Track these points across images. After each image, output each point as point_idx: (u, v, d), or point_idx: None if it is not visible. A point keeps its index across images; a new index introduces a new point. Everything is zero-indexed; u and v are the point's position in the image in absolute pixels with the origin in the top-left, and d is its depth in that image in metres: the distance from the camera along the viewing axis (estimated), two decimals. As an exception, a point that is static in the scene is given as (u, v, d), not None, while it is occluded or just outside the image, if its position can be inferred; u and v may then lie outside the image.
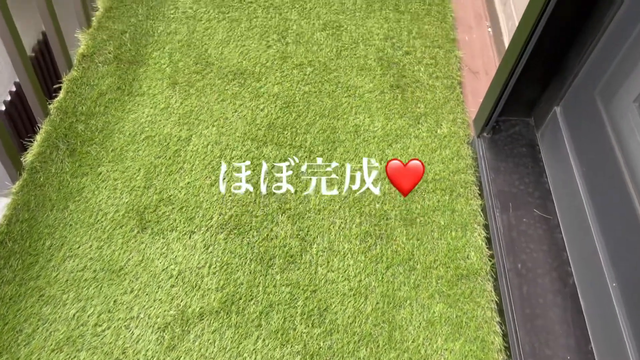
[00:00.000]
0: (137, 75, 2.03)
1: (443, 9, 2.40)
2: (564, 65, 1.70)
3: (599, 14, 1.53)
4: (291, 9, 2.33)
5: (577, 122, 1.66)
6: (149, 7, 2.25)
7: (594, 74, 1.60)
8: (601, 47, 1.57)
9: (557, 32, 1.63)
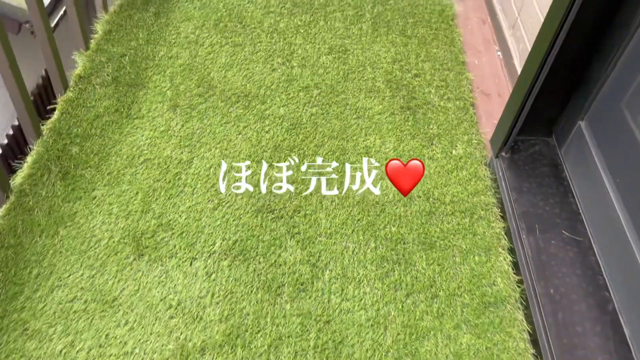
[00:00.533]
0: (136, 97, 1.94)
1: (450, 34, 2.35)
2: (587, 78, 1.61)
3: (624, 21, 1.46)
4: (295, 34, 2.27)
5: (605, 135, 1.56)
6: (150, 32, 2.18)
7: (620, 85, 1.52)
8: (627, 56, 1.49)
9: (579, 42, 1.55)
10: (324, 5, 2.43)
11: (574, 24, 1.49)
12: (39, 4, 1.66)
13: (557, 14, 1.51)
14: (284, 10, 2.38)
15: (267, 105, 1.97)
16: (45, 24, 1.68)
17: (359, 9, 2.42)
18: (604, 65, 1.54)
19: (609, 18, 1.50)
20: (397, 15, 2.41)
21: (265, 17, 2.33)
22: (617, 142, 1.50)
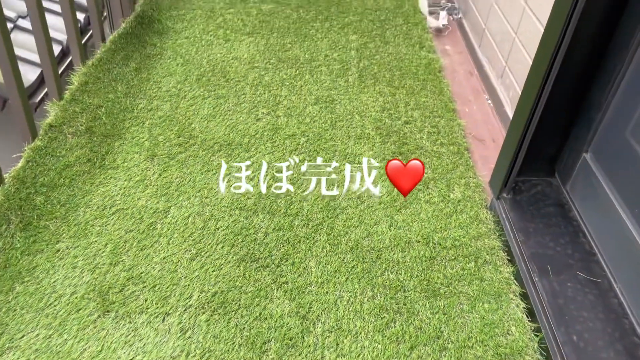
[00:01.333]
0: (111, 148, 1.82)
1: (439, 84, 2.31)
2: (588, 107, 1.53)
3: (621, 44, 1.40)
4: (281, 86, 2.21)
5: (614, 165, 1.45)
6: (130, 86, 2.11)
7: (623, 113, 1.43)
8: (626, 82, 1.41)
9: (575, 71, 1.48)
10: (309, 60, 2.39)
11: (567, 53, 1.44)
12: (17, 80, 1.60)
13: (549, 43, 1.46)
14: (268, 65, 2.34)
15: (251, 153, 1.86)
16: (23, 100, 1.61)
17: (345, 64, 2.39)
18: (603, 92, 1.47)
19: (604, 44, 1.44)
20: (384, 68, 2.38)
21: (249, 72, 2.29)
22: (629, 171, 1.39)
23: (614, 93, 1.43)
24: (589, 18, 1.38)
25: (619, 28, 1.39)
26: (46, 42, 1.78)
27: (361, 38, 2.59)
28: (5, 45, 1.55)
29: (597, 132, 1.51)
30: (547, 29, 1.49)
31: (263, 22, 2.66)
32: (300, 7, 2.82)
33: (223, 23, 2.62)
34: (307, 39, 2.55)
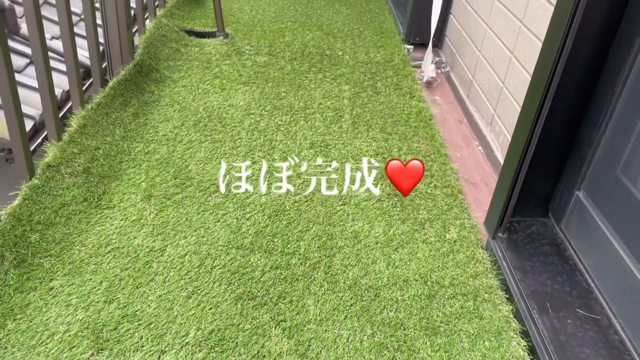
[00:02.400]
0: (107, 188, 1.82)
1: (430, 131, 2.37)
2: (579, 147, 1.58)
3: (608, 84, 1.46)
4: (276, 131, 2.26)
5: (607, 202, 1.48)
6: (127, 130, 2.13)
7: (613, 151, 1.48)
8: (615, 120, 1.47)
9: (565, 110, 1.54)
10: (303, 108, 2.45)
11: (556, 95, 1.50)
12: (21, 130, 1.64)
13: (538, 87, 1.52)
14: (264, 112, 2.39)
15: (248, 194, 1.87)
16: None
17: (338, 111, 2.45)
18: (593, 131, 1.52)
19: (592, 84, 1.51)
20: (376, 116, 2.44)
21: (245, 118, 2.33)
22: (623, 207, 1.42)
23: (603, 131, 1.48)
24: (575, 62, 1.45)
25: (605, 69, 1.46)
26: (49, 84, 1.81)
27: (353, 88, 2.67)
28: (11, 91, 1.59)
29: (589, 170, 1.55)
30: (534, 76, 1.56)
31: (258, 72, 2.74)
32: (294, 59, 2.91)
33: (219, 73, 2.69)
34: (301, 88, 2.62)
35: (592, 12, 1.37)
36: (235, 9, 3.56)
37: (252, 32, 3.20)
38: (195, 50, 2.87)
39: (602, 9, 1.38)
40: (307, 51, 3.01)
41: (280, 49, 3.00)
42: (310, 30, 3.33)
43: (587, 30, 1.39)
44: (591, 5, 1.35)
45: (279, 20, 3.43)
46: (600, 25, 1.40)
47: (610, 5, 1.37)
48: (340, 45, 3.15)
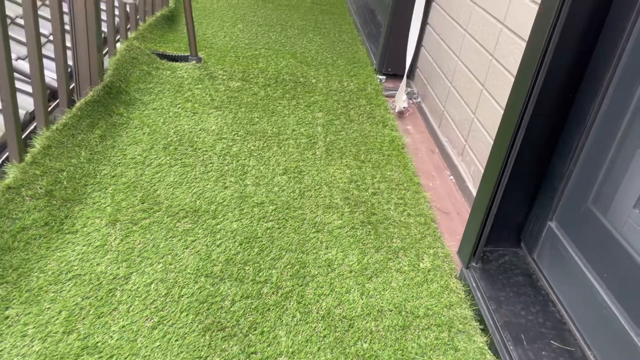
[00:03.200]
0: (71, 212, 1.74)
1: (403, 160, 2.37)
2: (550, 179, 1.60)
3: (579, 118, 1.49)
4: (249, 157, 2.22)
5: (579, 233, 1.49)
6: (93, 152, 2.06)
7: (584, 183, 1.50)
8: (586, 152, 1.49)
9: (537, 143, 1.56)
10: (277, 134, 2.43)
11: (528, 128, 1.52)
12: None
13: (511, 119, 1.54)
14: (236, 137, 2.36)
15: (218, 220, 1.82)
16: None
17: (312, 138, 2.44)
18: (565, 163, 1.54)
19: (563, 117, 1.53)
20: (350, 143, 2.44)
21: (217, 143, 2.29)
22: (595, 238, 1.43)
23: (574, 163, 1.50)
24: (547, 96, 1.47)
25: (575, 104, 1.49)
26: (12, 104, 1.74)
27: (327, 115, 2.67)
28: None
29: (561, 201, 1.57)
30: (507, 108, 1.58)
31: (231, 97, 2.71)
32: (268, 85, 2.90)
33: (191, 97, 2.65)
34: (274, 114, 2.60)
35: (563, 49, 1.40)
36: (209, 34, 3.55)
37: (226, 58, 3.18)
38: (167, 73, 2.83)
39: (572, 47, 1.41)
40: (280, 78, 3.01)
41: (254, 75, 2.99)
42: (284, 57, 3.34)
43: (558, 67, 1.42)
44: (562, 42, 1.38)
45: (253, 47, 3.44)
46: (571, 62, 1.43)
47: (580, 43, 1.41)
48: (314, 73, 3.16)
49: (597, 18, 1.39)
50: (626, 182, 1.39)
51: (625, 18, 1.34)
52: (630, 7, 1.33)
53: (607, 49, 1.39)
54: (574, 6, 1.34)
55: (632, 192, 1.37)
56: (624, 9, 1.34)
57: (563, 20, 1.35)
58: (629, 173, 1.38)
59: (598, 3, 1.36)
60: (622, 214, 1.40)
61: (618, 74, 1.37)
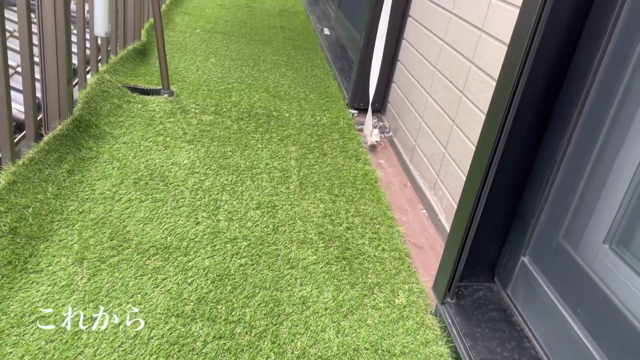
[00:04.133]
0: (35, 250, 1.68)
1: (376, 194, 2.38)
2: (522, 214, 1.62)
3: (549, 154, 1.53)
4: (221, 191, 2.20)
5: (552, 268, 1.51)
6: (61, 187, 2.01)
7: (555, 219, 1.53)
8: (556, 188, 1.53)
9: (509, 178, 1.59)
10: (250, 167, 2.42)
11: (500, 165, 1.55)
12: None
13: (483, 156, 1.56)
14: (209, 171, 2.34)
15: (190, 257, 1.78)
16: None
17: (286, 172, 2.43)
18: (536, 199, 1.57)
19: (533, 153, 1.57)
20: (323, 177, 2.44)
21: (189, 177, 2.26)
22: (567, 274, 1.45)
23: (545, 199, 1.53)
24: (517, 134, 1.51)
25: (544, 140, 1.53)
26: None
27: (300, 149, 2.67)
28: None
29: (533, 236, 1.59)
30: (479, 144, 1.60)
31: (203, 131, 2.69)
32: (241, 119, 2.90)
33: (163, 131, 2.63)
34: (247, 148, 2.59)
35: (532, 89, 1.44)
36: (182, 68, 3.55)
37: (198, 91, 3.18)
38: (138, 107, 2.80)
39: (541, 86, 1.46)
40: (253, 112, 3.01)
41: (226, 109, 2.99)
42: (257, 91, 3.35)
43: (528, 105, 1.46)
44: (531, 82, 1.42)
45: (226, 81, 3.44)
46: (540, 101, 1.48)
47: (548, 82, 1.45)
48: (287, 107, 3.18)
49: (564, 59, 1.44)
50: (595, 217, 1.42)
51: (590, 61, 1.39)
52: (593, 54, 1.38)
53: (574, 89, 1.44)
54: (542, 46, 1.39)
55: (601, 227, 1.40)
56: (588, 56, 1.40)
57: (531, 61, 1.39)
58: (598, 208, 1.41)
59: (565, 44, 1.41)
60: (593, 249, 1.43)
61: (585, 112, 1.42)
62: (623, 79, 1.32)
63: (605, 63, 1.36)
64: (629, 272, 1.31)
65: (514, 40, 1.47)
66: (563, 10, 1.37)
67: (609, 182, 1.37)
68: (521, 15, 1.45)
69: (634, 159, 1.30)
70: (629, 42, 1.31)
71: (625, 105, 1.32)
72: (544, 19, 1.36)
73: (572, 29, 1.40)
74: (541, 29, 1.37)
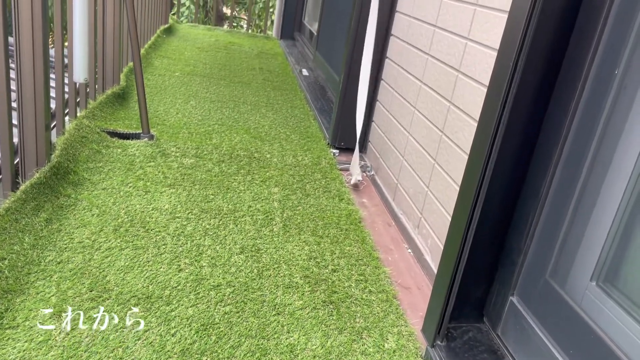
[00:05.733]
0: (11, 305, 1.62)
1: (361, 234, 2.37)
2: (509, 253, 1.62)
3: (532, 193, 1.54)
4: (204, 236, 2.16)
5: (541, 307, 1.50)
6: (38, 237, 1.95)
7: (541, 257, 1.53)
8: (541, 227, 1.54)
9: (493, 219, 1.60)
10: (232, 210, 2.39)
11: (484, 206, 1.55)
12: None
13: (467, 198, 1.57)
14: (191, 215, 2.30)
15: (172, 306, 1.73)
16: None
17: (269, 214, 2.41)
18: (521, 238, 1.57)
19: (516, 192, 1.58)
20: (307, 218, 2.42)
21: (170, 222, 2.22)
22: (557, 313, 1.44)
23: (531, 237, 1.53)
24: (500, 175, 1.52)
25: (527, 179, 1.55)
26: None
27: (283, 191, 2.66)
28: None
29: (520, 275, 1.58)
30: (463, 185, 1.62)
31: (184, 175, 2.67)
32: (222, 161, 2.89)
33: (143, 175, 2.60)
34: (229, 191, 2.57)
35: (512, 129, 1.46)
36: (161, 111, 3.54)
37: (179, 134, 3.16)
38: (117, 151, 2.77)
39: (521, 128, 1.48)
40: (235, 154, 3.01)
41: (207, 151, 2.97)
42: (238, 133, 3.35)
43: (509, 147, 1.48)
44: (512, 122, 1.45)
45: (206, 123, 3.44)
46: (521, 142, 1.50)
47: (528, 123, 1.48)
48: (268, 148, 3.18)
49: (543, 101, 1.47)
50: (581, 254, 1.42)
51: (568, 104, 1.43)
52: (570, 98, 1.41)
53: (554, 130, 1.46)
54: (521, 88, 1.42)
55: (588, 264, 1.41)
56: (567, 98, 1.43)
57: (511, 103, 1.42)
58: (583, 245, 1.41)
59: (543, 87, 1.45)
60: (580, 286, 1.43)
61: (566, 151, 1.44)
62: (600, 120, 1.35)
63: (581, 108, 1.40)
64: (617, 310, 1.31)
65: (493, 83, 1.50)
66: (540, 54, 1.41)
67: (592, 219, 1.38)
68: (499, 59, 1.48)
69: (616, 197, 1.31)
70: (605, 86, 1.34)
71: (603, 145, 1.35)
72: (522, 62, 1.40)
73: (550, 72, 1.44)
74: (519, 71, 1.40)
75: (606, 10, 1.31)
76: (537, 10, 1.36)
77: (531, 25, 1.38)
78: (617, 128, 1.31)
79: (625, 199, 1.29)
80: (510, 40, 1.44)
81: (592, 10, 1.36)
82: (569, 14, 1.39)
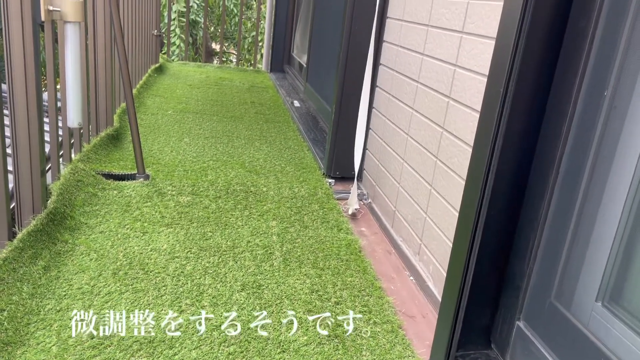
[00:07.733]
0: (12, 357, 1.59)
1: (361, 264, 2.36)
2: (512, 278, 1.61)
3: (531, 216, 1.54)
4: (204, 275, 2.14)
5: (548, 331, 1.49)
6: (36, 286, 1.93)
7: (544, 280, 1.53)
8: (542, 250, 1.53)
9: (495, 243, 1.59)
10: (231, 247, 2.38)
11: (484, 232, 1.55)
12: None
13: (467, 224, 1.58)
14: (190, 254, 2.29)
15: (175, 349, 1.70)
16: None
17: (268, 248, 2.40)
18: (524, 261, 1.57)
19: (516, 216, 1.58)
20: (307, 250, 2.41)
21: (169, 263, 2.21)
22: (564, 336, 1.43)
23: (533, 260, 1.53)
24: (499, 199, 1.53)
25: (525, 202, 1.55)
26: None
27: (281, 223, 2.65)
28: None
29: (525, 299, 1.57)
30: (461, 211, 1.62)
31: (182, 213, 2.66)
32: (219, 197, 2.89)
33: (140, 216, 2.59)
34: (227, 227, 2.56)
35: (507, 153, 1.47)
36: (156, 150, 3.55)
37: (174, 173, 3.17)
38: (113, 193, 2.77)
39: (516, 152, 1.50)
40: (231, 189, 3.01)
41: (203, 188, 2.97)
42: (233, 168, 3.36)
43: (505, 170, 1.49)
44: (506, 147, 1.46)
45: (201, 160, 3.45)
46: (517, 165, 1.51)
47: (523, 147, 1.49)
48: (264, 181, 3.19)
49: (536, 124, 1.48)
50: (584, 275, 1.42)
51: (561, 125, 1.44)
52: (562, 122, 1.43)
53: (549, 153, 1.47)
54: (513, 113, 1.44)
55: (592, 284, 1.40)
56: (559, 120, 1.45)
57: (504, 128, 1.43)
58: (586, 266, 1.41)
59: (533, 111, 1.47)
60: (586, 308, 1.42)
61: (562, 172, 1.45)
62: (592, 141, 1.36)
63: (573, 130, 1.41)
64: (624, 329, 1.30)
65: (485, 109, 1.51)
66: (529, 79, 1.43)
67: (593, 239, 1.38)
68: (489, 85, 1.50)
69: (615, 215, 1.32)
70: (594, 108, 1.36)
71: (597, 165, 1.36)
72: (512, 87, 1.41)
73: (539, 96, 1.46)
74: (509, 97, 1.42)
75: (591, 34, 1.34)
76: (524, 35, 1.39)
77: (519, 51, 1.40)
78: (610, 149, 1.32)
79: (624, 216, 1.30)
80: (499, 67, 1.46)
81: (577, 35, 1.38)
82: (555, 39, 1.42)
